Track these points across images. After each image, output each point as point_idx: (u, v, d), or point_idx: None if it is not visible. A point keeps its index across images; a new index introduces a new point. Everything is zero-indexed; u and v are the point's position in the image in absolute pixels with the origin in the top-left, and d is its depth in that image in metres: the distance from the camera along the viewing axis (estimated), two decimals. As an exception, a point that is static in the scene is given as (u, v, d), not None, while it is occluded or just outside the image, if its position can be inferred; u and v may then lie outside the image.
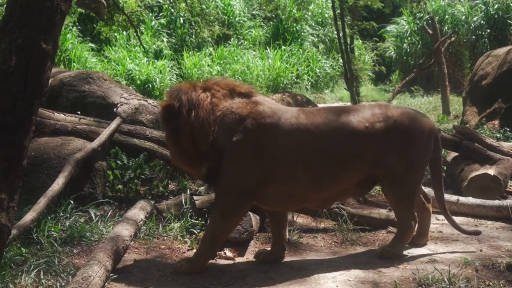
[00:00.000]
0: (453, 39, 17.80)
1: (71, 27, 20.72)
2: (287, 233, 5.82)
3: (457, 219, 6.98)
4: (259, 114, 5.30)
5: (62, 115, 7.65)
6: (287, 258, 5.71)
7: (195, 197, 6.40)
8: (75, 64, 19.36)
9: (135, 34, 19.55)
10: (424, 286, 4.87)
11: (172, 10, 22.72)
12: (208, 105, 5.30)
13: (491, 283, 4.91)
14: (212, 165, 5.32)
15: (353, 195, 6.17)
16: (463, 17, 22.23)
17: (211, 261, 5.47)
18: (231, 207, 5.27)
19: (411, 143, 5.58)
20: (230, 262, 5.62)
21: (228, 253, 5.72)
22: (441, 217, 7.04)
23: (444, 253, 5.80)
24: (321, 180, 5.37)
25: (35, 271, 4.96)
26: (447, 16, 22.61)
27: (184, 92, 5.38)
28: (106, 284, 4.85)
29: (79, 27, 21.83)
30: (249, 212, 5.92)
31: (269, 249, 5.72)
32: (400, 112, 5.66)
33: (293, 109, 5.60)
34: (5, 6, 4.36)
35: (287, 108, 5.58)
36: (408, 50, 23.35)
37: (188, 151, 5.37)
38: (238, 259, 5.70)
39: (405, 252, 5.74)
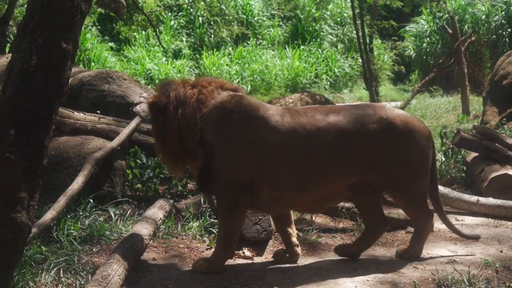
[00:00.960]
0: (473, 38, 17.68)
1: (90, 27, 20.84)
2: (295, 230, 5.76)
3: (477, 220, 6.97)
4: (243, 107, 5.27)
5: (82, 114, 7.69)
6: (306, 258, 5.70)
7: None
8: (94, 64, 19.47)
9: (154, 33, 19.63)
10: (443, 287, 4.84)
11: (191, 10, 22.76)
12: (194, 102, 5.31)
13: (511, 285, 4.87)
14: (203, 165, 5.33)
15: (346, 200, 5.91)
16: (484, 16, 22.07)
17: (230, 260, 5.47)
18: (231, 202, 5.25)
19: (409, 147, 5.39)
20: (249, 261, 5.62)
21: (247, 253, 5.72)
22: (461, 217, 7.02)
23: (463, 254, 5.76)
24: (308, 182, 5.25)
25: (55, 269, 4.98)
26: (467, 16, 22.46)
27: (173, 88, 5.42)
28: (125, 283, 4.87)
29: (98, 27, 21.97)
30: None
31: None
32: (396, 114, 5.46)
33: (278, 107, 5.55)
34: (26, 6, 4.39)
35: (271, 106, 5.52)
36: (428, 49, 23.22)
37: (174, 147, 5.42)
38: (257, 259, 5.69)
39: (424, 253, 5.71)
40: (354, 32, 18.80)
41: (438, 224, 6.27)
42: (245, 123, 5.22)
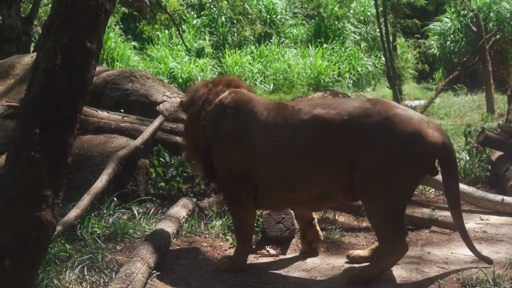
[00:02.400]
0: (498, 36, 17.50)
1: (114, 26, 20.94)
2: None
3: (502, 219, 6.90)
4: (235, 102, 5.36)
5: (105, 113, 7.73)
6: (329, 257, 5.68)
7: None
8: (118, 63, 19.56)
9: (177, 32, 19.70)
10: (468, 286, 4.80)
11: (214, 9, 22.80)
12: (201, 102, 5.48)
13: (536, 285, 4.83)
14: (205, 161, 5.52)
15: (344, 201, 5.55)
16: (508, 14, 21.85)
17: (253, 259, 5.48)
18: (232, 195, 5.35)
19: (399, 150, 4.78)
20: (272, 259, 5.62)
21: (271, 251, 5.72)
22: (485, 216, 6.96)
23: (488, 253, 5.70)
24: (292, 178, 5.06)
25: (79, 267, 5.02)
26: (491, 13, 22.24)
27: (191, 91, 5.71)
28: (149, 280, 4.89)
29: (121, 26, 22.06)
30: (291, 211, 5.91)
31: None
32: (396, 112, 4.86)
33: (272, 102, 5.53)
34: (50, 5, 4.42)
35: (264, 101, 5.50)
36: (452, 48, 23.04)
37: (191, 145, 5.67)
38: (280, 258, 5.69)
39: (448, 253, 5.67)
40: (378, 30, 18.70)
41: (463, 224, 6.21)
42: (234, 118, 5.31)
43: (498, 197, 7.23)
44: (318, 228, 5.75)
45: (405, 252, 4.90)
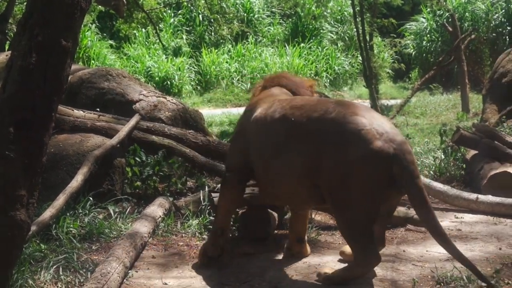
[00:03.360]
0: (473, 36, 17.67)
1: (90, 25, 20.83)
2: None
3: (476, 217, 6.96)
4: (251, 100, 5.65)
5: (81, 112, 7.69)
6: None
7: (213, 194, 6.41)
8: (94, 62, 19.47)
9: (154, 31, 19.61)
10: (442, 284, 4.84)
11: (192, 8, 22.76)
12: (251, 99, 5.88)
13: (510, 282, 4.87)
14: None
15: (315, 205, 5.58)
16: (484, 14, 22.07)
17: (230, 258, 5.49)
18: (224, 177, 5.62)
19: (349, 159, 4.57)
20: (249, 258, 5.62)
21: (248, 250, 5.73)
22: (460, 215, 7.02)
23: (463, 251, 5.74)
24: (270, 174, 5.08)
25: (54, 267, 5.00)
26: (467, 14, 22.46)
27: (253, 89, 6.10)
28: (124, 280, 4.87)
29: (98, 24, 21.93)
30: (269, 210, 5.94)
31: None
32: (350, 119, 4.65)
33: (271, 98, 5.44)
34: (26, 3, 4.39)
35: (270, 98, 5.47)
36: (428, 47, 23.21)
37: None
38: (257, 256, 5.69)
39: (423, 251, 5.71)
40: (354, 30, 18.75)
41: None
42: (243, 115, 5.59)
43: (473, 196, 7.29)
44: (306, 246, 5.68)
45: (377, 263, 4.78)
